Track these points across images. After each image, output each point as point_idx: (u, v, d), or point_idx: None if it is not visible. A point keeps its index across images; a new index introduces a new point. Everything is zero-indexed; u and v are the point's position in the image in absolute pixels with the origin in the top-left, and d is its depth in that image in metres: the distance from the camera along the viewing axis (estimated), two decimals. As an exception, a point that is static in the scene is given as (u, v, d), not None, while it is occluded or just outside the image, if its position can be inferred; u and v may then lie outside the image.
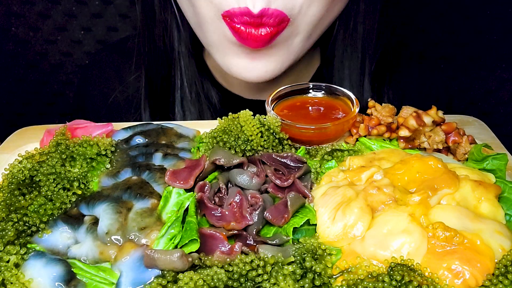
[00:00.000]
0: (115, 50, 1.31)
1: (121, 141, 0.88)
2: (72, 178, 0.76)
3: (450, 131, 0.83)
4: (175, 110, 1.13)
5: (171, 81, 1.12)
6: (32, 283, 0.63)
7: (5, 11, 1.56)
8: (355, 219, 0.67)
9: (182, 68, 1.11)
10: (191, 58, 1.11)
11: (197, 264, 0.63)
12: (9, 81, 1.68)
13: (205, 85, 1.15)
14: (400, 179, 0.74)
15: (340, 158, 0.83)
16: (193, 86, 1.13)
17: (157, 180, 0.77)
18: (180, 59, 1.11)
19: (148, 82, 1.14)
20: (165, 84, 1.12)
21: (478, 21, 1.54)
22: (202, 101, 1.14)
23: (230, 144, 0.81)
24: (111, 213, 0.69)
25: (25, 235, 0.69)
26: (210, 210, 0.72)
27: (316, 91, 0.97)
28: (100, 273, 0.65)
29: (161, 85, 1.13)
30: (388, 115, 0.87)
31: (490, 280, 0.60)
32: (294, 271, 0.60)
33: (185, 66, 1.11)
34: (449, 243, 0.63)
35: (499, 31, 1.53)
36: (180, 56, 1.10)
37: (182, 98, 1.13)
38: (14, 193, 0.72)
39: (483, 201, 0.70)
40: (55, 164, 0.77)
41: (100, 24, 1.60)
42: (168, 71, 1.12)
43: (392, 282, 0.59)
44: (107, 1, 1.57)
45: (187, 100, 1.13)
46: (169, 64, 1.11)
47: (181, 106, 1.13)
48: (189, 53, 1.11)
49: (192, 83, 1.12)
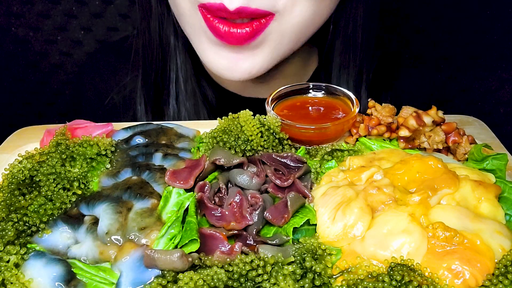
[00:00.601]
0: (112, 50, 1.31)
1: (121, 141, 0.88)
2: (72, 178, 0.76)
3: (450, 131, 0.83)
4: (169, 105, 1.13)
5: (166, 75, 1.11)
6: (32, 283, 0.63)
7: (5, 11, 1.56)
8: (355, 219, 0.67)
9: (178, 63, 1.10)
10: (187, 54, 1.10)
11: (197, 264, 0.63)
12: (9, 81, 1.68)
13: (201, 82, 1.14)
14: (400, 179, 0.74)
15: (340, 158, 0.83)
16: (189, 81, 1.11)
17: (157, 180, 0.77)
18: (176, 54, 1.09)
19: (144, 75, 1.13)
20: (160, 77, 1.11)
21: (478, 21, 1.53)
22: (198, 97, 1.13)
23: (230, 144, 0.81)
24: (111, 213, 0.69)
25: (25, 235, 0.69)
26: (210, 210, 0.72)
27: (316, 91, 0.97)
28: (100, 273, 0.65)
29: (156, 79, 1.11)
30: (388, 115, 0.87)
31: (490, 280, 0.60)
32: (294, 271, 0.60)
33: (181, 62, 1.10)
34: (449, 243, 0.63)
35: (499, 31, 1.53)
36: (177, 51, 1.09)
37: (177, 93, 1.12)
38: (14, 193, 0.72)
39: (483, 201, 0.70)
40: (55, 164, 0.77)
41: (100, 24, 1.60)
42: (164, 64, 1.11)
43: (392, 282, 0.59)
44: (107, 1, 1.57)
45: (182, 95, 1.11)
46: (164, 58, 1.10)
47: (176, 101, 1.12)
48: (185, 49, 1.10)
49: (188, 78, 1.11)
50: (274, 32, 0.88)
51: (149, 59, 1.10)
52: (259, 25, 0.84)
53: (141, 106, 1.14)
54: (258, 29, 0.84)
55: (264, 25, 0.85)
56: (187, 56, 1.10)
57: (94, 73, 1.29)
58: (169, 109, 1.12)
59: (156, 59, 1.10)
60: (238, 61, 0.89)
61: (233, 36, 0.83)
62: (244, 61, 0.89)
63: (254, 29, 0.83)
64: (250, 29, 0.83)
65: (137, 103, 1.15)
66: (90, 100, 1.28)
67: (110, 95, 1.18)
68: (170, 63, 1.10)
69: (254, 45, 0.88)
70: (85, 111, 1.29)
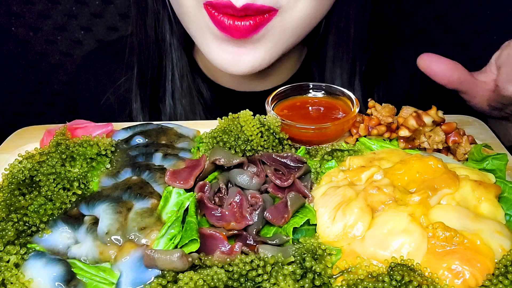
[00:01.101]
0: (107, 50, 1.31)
1: (121, 141, 0.88)
2: (72, 178, 0.76)
3: (450, 131, 0.83)
4: (165, 102, 1.13)
5: (162, 72, 1.12)
6: (32, 283, 0.63)
7: (5, 11, 1.56)
8: (355, 219, 0.67)
9: (174, 60, 1.11)
10: (182, 51, 1.11)
11: (197, 264, 0.63)
12: (9, 81, 1.68)
13: (196, 79, 1.15)
14: (400, 179, 0.74)
15: (340, 158, 0.83)
16: (185, 78, 1.12)
17: (157, 180, 0.77)
18: (172, 51, 1.11)
19: (139, 72, 1.13)
20: (156, 74, 1.13)
21: (478, 21, 1.53)
22: (194, 94, 1.14)
23: (230, 144, 0.81)
24: (111, 213, 0.69)
25: (25, 235, 0.69)
26: (210, 210, 0.72)
27: (316, 91, 0.97)
28: (100, 273, 0.65)
29: (152, 76, 1.12)
30: (388, 115, 0.87)
31: (490, 280, 0.60)
32: (294, 271, 0.60)
33: (177, 59, 1.11)
34: (449, 243, 0.63)
35: (499, 31, 1.53)
36: (172, 48, 1.11)
37: (173, 90, 1.13)
38: (14, 193, 0.72)
39: (483, 201, 0.70)
40: (55, 164, 0.77)
41: (100, 24, 1.60)
42: (160, 61, 1.12)
43: (392, 282, 0.59)
44: (107, 1, 1.57)
45: (178, 92, 1.13)
46: (160, 55, 1.11)
47: (172, 98, 1.13)
48: (181, 46, 1.11)
49: (183, 75, 1.12)
50: (276, 27, 0.90)
51: (145, 57, 1.11)
52: (262, 19, 0.87)
53: (137, 104, 1.15)
54: (261, 22, 0.87)
55: (267, 20, 0.87)
56: (182, 53, 1.12)
57: (89, 73, 1.29)
58: (165, 106, 1.13)
59: (152, 56, 1.11)
60: (241, 55, 0.91)
61: (237, 29, 0.86)
62: (247, 55, 0.92)
63: (257, 22, 0.86)
64: (253, 22, 0.85)
65: (133, 101, 1.15)
66: (86, 100, 1.28)
67: (106, 95, 1.18)
68: (166, 60, 1.11)
69: (256, 39, 0.90)
70: (81, 111, 1.29)
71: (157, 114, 1.15)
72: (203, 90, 1.16)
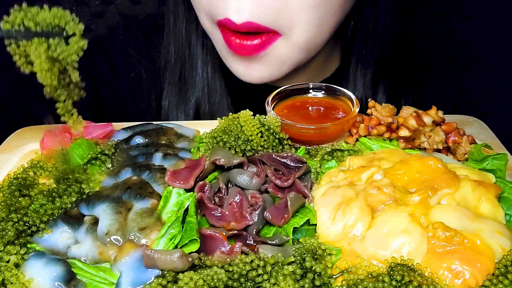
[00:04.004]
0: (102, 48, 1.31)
1: (121, 141, 0.88)
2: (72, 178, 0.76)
3: (450, 131, 0.83)
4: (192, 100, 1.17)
5: (193, 72, 1.16)
6: (32, 283, 0.63)
7: (5, 11, 1.56)
8: (355, 219, 0.67)
9: (203, 59, 1.15)
10: (210, 51, 1.15)
11: (197, 264, 0.63)
12: (9, 81, 1.68)
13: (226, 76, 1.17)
14: (400, 179, 0.73)
15: (340, 158, 0.83)
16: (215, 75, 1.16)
17: (157, 180, 0.77)
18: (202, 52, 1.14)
19: (171, 73, 1.16)
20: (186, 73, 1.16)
21: (478, 21, 1.53)
22: (223, 90, 1.16)
23: (230, 144, 0.81)
24: (111, 213, 0.69)
25: (25, 235, 0.69)
26: (210, 210, 0.72)
27: (316, 91, 0.97)
28: (100, 273, 0.65)
29: (183, 76, 1.16)
30: (388, 115, 0.87)
31: (490, 280, 0.60)
32: (294, 271, 0.60)
33: (207, 58, 1.15)
34: (449, 243, 0.63)
35: (499, 31, 1.53)
36: (204, 48, 1.14)
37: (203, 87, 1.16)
38: (14, 193, 0.72)
39: (483, 201, 0.70)
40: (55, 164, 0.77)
41: (100, 24, 1.60)
42: (191, 60, 1.15)
43: (392, 282, 0.59)
44: (107, 1, 1.57)
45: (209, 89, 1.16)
46: (191, 55, 1.15)
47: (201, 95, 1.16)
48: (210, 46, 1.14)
49: (214, 72, 1.16)
50: (282, 48, 0.93)
51: (179, 57, 1.15)
52: (268, 38, 0.91)
53: (167, 102, 1.17)
54: (267, 41, 0.91)
55: (273, 39, 0.92)
56: (210, 52, 1.15)
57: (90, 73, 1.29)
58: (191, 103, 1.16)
59: (183, 56, 1.15)
60: (250, 70, 0.98)
61: (243, 48, 0.92)
62: (254, 69, 0.98)
63: (264, 40, 0.91)
64: (259, 41, 0.91)
65: (164, 101, 1.18)
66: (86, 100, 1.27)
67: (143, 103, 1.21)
68: (197, 59, 1.16)
69: (263, 56, 0.94)
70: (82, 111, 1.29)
71: (187, 113, 1.17)
72: (232, 86, 1.18)
